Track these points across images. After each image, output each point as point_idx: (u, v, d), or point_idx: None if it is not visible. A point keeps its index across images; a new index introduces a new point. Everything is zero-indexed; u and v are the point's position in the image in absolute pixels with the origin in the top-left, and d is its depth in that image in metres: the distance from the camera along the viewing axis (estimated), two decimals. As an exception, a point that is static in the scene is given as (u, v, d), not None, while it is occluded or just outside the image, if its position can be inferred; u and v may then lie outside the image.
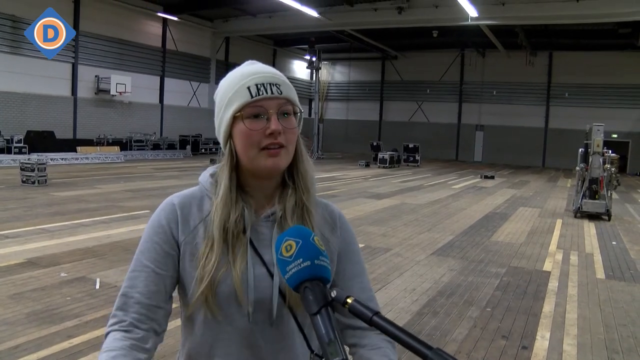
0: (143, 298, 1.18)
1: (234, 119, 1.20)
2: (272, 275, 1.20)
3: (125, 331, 1.15)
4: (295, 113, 1.23)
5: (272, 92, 1.19)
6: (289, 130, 1.20)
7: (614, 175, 13.61)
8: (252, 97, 1.18)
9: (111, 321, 1.18)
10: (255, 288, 1.19)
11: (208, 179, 1.28)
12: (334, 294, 0.93)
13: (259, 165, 1.19)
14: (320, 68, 34.27)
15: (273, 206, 1.26)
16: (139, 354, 1.13)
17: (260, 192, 1.26)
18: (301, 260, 0.96)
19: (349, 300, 0.92)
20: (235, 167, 1.23)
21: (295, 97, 1.24)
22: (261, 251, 1.22)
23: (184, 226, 1.23)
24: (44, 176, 14.03)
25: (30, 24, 21.46)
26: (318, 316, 0.91)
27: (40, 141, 21.59)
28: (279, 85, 1.21)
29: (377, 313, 0.89)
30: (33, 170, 13.72)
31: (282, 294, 1.21)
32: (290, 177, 1.27)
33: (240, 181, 1.25)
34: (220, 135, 1.24)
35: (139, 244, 1.25)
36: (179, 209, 1.24)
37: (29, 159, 14.41)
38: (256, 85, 1.19)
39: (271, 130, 1.17)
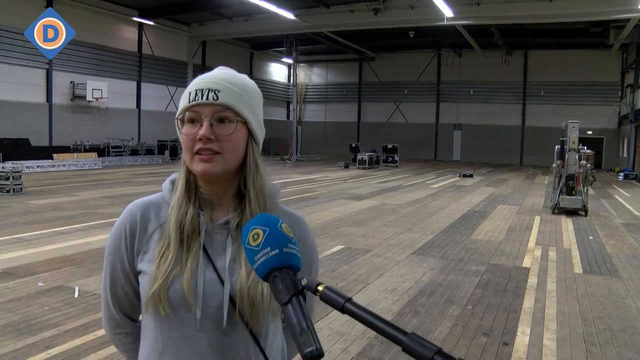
0: (127, 303, 1.31)
1: (182, 123, 1.22)
2: (223, 282, 1.19)
3: (131, 342, 1.36)
4: (234, 120, 1.20)
5: (207, 98, 1.19)
6: (223, 137, 1.18)
7: (589, 172, 13.78)
8: (189, 102, 1.20)
9: (116, 330, 1.35)
10: (204, 294, 1.18)
11: (168, 185, 1.30)
12: (304, 282, 0.91)
13: (193, 170, 1.21)
14: (298, 61, 34.10)
15: (228, 214, 1.26)
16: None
17: (213, 196, 1.26)
18: (269, 248, 0.94)
19: (319, 288, 0.90)
20: (189, 170, 1.25)
21: (238, 104, 1.21)
22: (214, 258, 1.21)
23: (141, 234, 1.26)
24: (19, 184, 13.81)
25: (1, 30, 21.35)
26: (289, 305, 0.89)
27: (14, 149, 21.23)
28: (218, 91, 1.19)
29: (349, 299, 0.87)
30: (8, 179, 13.48)
31: (233, 301, 1.19)
32: (246, 190, 1.26)
33: (197, 183, 1.26)
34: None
35: (106, 252, 1.30)
36: (139, 217, 1.26)
37: (3, 167, 14.13)
38: (196, 90, 1.20)
39: (199, 135, 1.17)
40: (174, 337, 1.20)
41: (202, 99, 1.19)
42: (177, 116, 1.22)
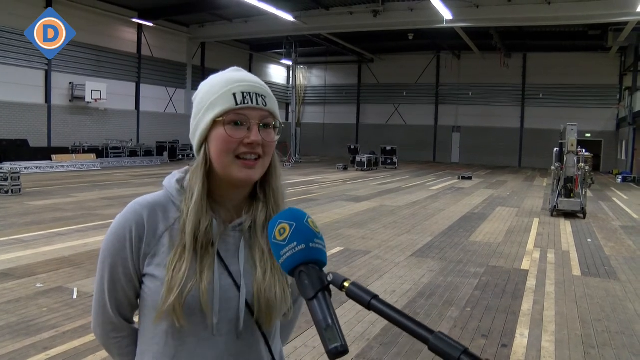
0: (126, 305, 1.27)
1: (214, 123, 1.18)
2: (238, 287, 1.18)
3: (127, 345, 1.30)
4: (275, 127, 1.22)
5: (257, 103, 1.18)
6: (268, 143, 1.19)
7: (588, 174, 13.80)
8: (237, 104, 1.16)
9: (112, 334, 1.29)
10: (221, 299, 1.17)
11: (174, 184, 1.25)
12: (330, 277, 0.91)
13: (231, 174, 1.17)
14: (297, 62, 34.05)
15: (241, 216, 1.24)
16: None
17: (229, 200, 1.24)
18: (295, 243, 0.93)
19: (346, 284, 0.89)
20: (207, 173, 1.21)
21: (277, 110, 1.24)
22: (228, 262, 1.20)
23: (149, 236, 1.20)
24: (18, 185, 13.80)
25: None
26: (315, 301, 0.88)
27: (13, 150, 21.20)
28: (265, 97, 1.20)
29: (375, 296, 0.86)
30: (6, 180, 13.46)
31: (248, 305, 1.18)
32: (262, 190, 1.26)
33: (211, 188, 1.22)
34: (196, 138, 1.21)
35: (104, 252, 1.23)
36: (146, 218, 1.20)
37: (1, 168, 14.09)
38: (242, 93, 1.17)
39: (251, 140, 1.15)
40: (189, 341, 1.18)
41: (252, 102, 1.18)
42: (215, 117, 1.17)
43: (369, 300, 0.86)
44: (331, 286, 0.92)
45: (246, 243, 1.23)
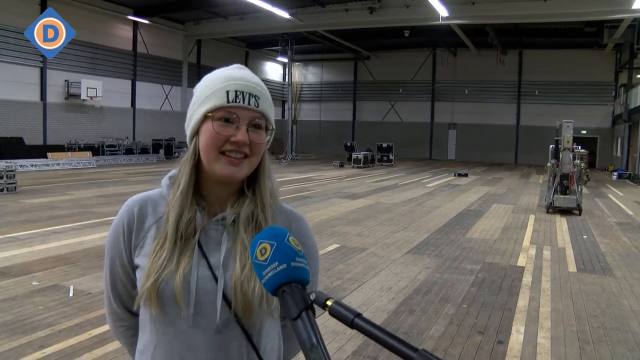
0: (127, 297, 1.31)
1: (205, 117, 1.19)
2: (216, 279, 1.19)
3: (132, 335, 1.36)
4: (267, 128, 1.22)
5: (248, 103, 1.18)
6: (256, 144, 1.19)
7: (583, 171, 13.86)
8: (227, 101, 1.18)
9: (117, 323, 1.37)
10: (197, 290, 1.18)
11: (166, 180, 1.29)
12: (313, 296, 0.90)
13: (215, 170, 1.19)
14: (293, 59, 33.98)
15: (225, 210, 1.25)
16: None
17: (215, 195, 1.25)
18: (277, 263, 0.92)
19: (328, 303, 0.88)
20: (196, 166, 1.23)
21: (271, 113, 1.24)
22: (208, 254, 1.21)
23: (138, 229, 1.26)
24: (13, 183, 13.75)
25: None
26: (299, 320, 0.87)
27: (8, 148, 21.13)
28: (258, 98, 1.20)
29: (358, 315, 0.86)
30: (1, 178, 13.41)
31: (227, 299, 1.18)
32: (250, 188, 1.26)
33: (198, 181, 1.24)
34: (189, 129, 1.24)
35: (106, 248, 1.30)
36: (137, 212, 1.26)
37: (-3, 166, 14.09)
38: (235, 91, 1.18)
39: (237, 139, 1.16)
40: (168, 332, 1.20)
41: (243, 102, 1.18)
42: (207, 111, 1.18)
43: (352, 319, 0.86)
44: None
45: (229, 237, 1.23)
